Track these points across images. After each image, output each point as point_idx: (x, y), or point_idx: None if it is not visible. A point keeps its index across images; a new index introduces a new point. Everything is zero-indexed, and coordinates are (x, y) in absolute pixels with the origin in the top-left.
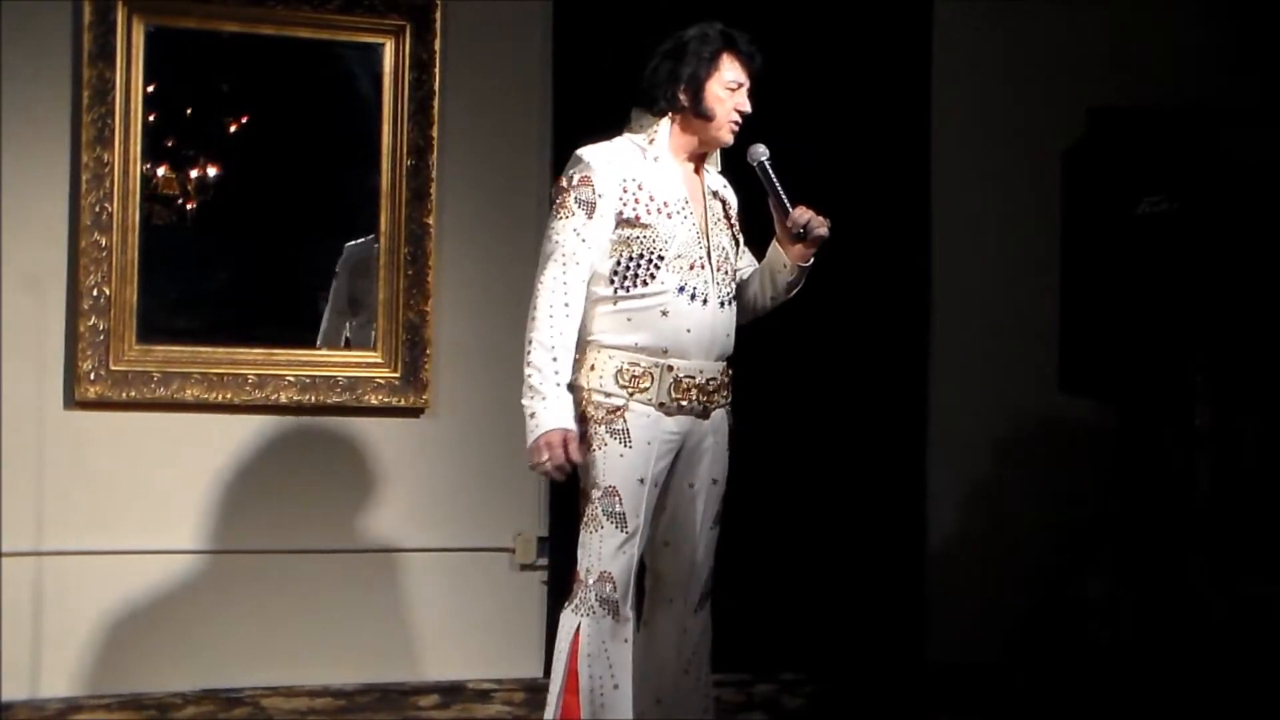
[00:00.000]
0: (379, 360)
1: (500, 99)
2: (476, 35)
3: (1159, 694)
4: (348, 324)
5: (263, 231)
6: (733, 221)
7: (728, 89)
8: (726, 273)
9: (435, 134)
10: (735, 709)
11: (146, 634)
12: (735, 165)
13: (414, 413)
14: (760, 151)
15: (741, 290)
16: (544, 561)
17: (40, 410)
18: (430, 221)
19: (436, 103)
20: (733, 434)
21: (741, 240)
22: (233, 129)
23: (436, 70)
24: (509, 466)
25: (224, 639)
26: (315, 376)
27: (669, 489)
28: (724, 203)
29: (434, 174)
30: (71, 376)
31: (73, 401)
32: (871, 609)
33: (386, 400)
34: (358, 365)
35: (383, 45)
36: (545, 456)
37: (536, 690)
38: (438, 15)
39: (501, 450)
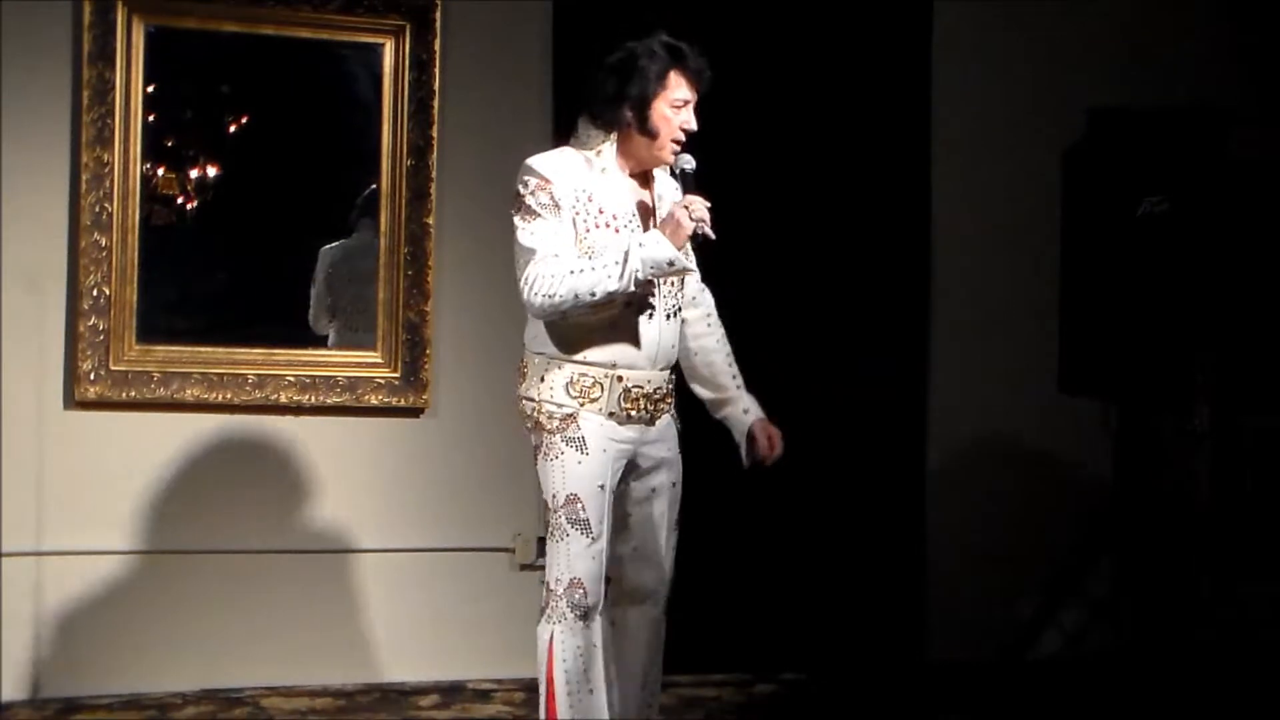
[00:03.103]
0: (379, 360)
1: (500, 99)
2: (476, 35)
3: (1160, 694)
4: (330, 328)
5: (263, 231)
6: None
7: (674, 107)
8: (673, 284)
9: (435, 134)
10: (735, 709)
11: (146, 634)
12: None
13: (414, 413)
14: (686, 160)
15: (690, 361)
16: (544, 561)
17: (40, 410)
18: (430, 221)
19: (436, 103)
20: (681, 436)
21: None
22: (233, 129)
23: (436, 70)
24: (509, 466)
25: (224, 639)
26: (315, 376)
27: (631, 498)
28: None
29: (434, 174)
30: (71, 376)
31: (73, 401)
32: (872, 609)
33: (386, 400)
34: (358, 365)
35: (383, 45)
36: (687, 226)
37: (536, 690)
38: (438, 15)
39: (501, 450)
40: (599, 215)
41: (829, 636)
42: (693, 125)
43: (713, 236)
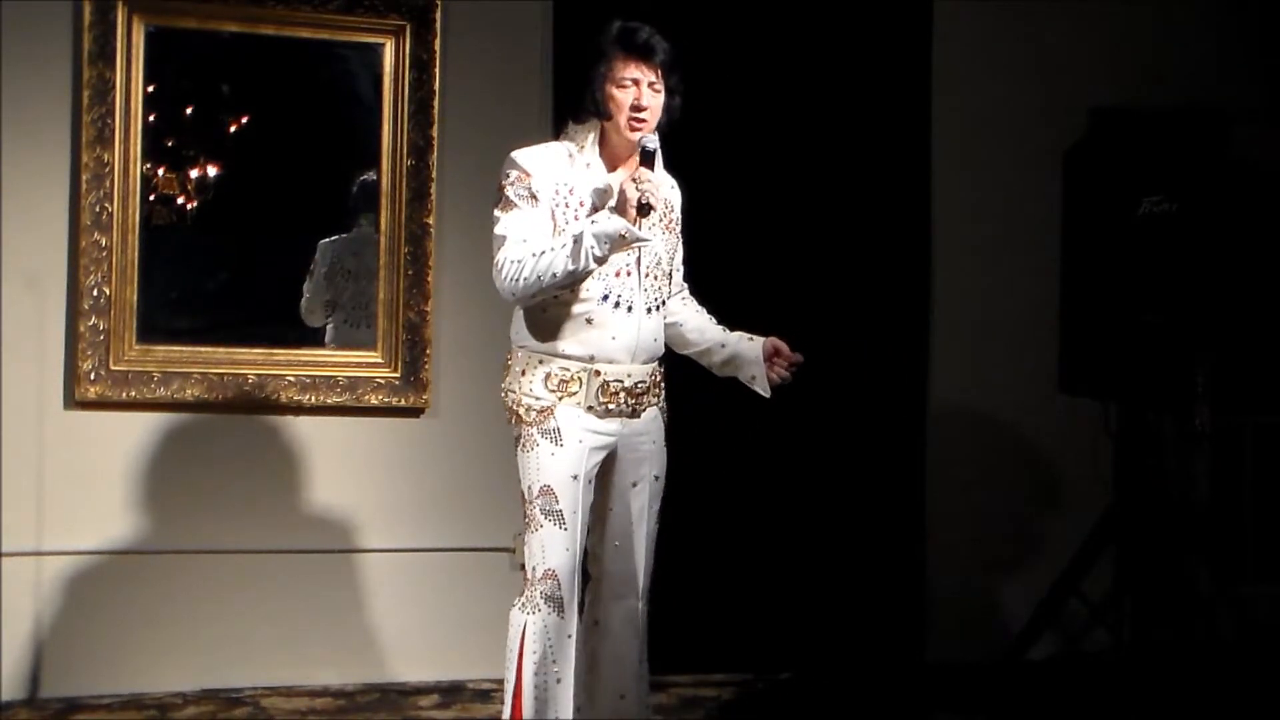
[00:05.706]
0: (379, 360)
1: (500, 99)
2: (476, 35)
3: (1159, 694)
4: (328, 323)
5: (263, 231)
6: (672, 223)
7: (621, 87)
8: (656, 278)
9: (435, 134)
10: (735, 709)
11: (146, 634)
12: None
13: (414, 413)
14: (649, 139)
15: (679, 334)
16: None
17: (40, 410)
18: (430, 221)
19: (436, 103)
20: (668, 429)
21: (680, 242)
22: (233, 129)
23: (436, 70)
24: (509, 466)
25: (224, 639)
26: (315, 376)
27: (613, 491)
28: (665, 203)
29: (434, 174)
30: (71, 376)
31: (73, 401)
32: (871, 609)
33: (386, 400)
34: (358, 365)
35: (383, 45)
36: (632, 196)
37: None
38: (438, 15)
39: (501, 450)
40: (580, 208)
41: (828, 637)
42: (644, 101)
43: (656, 208)
